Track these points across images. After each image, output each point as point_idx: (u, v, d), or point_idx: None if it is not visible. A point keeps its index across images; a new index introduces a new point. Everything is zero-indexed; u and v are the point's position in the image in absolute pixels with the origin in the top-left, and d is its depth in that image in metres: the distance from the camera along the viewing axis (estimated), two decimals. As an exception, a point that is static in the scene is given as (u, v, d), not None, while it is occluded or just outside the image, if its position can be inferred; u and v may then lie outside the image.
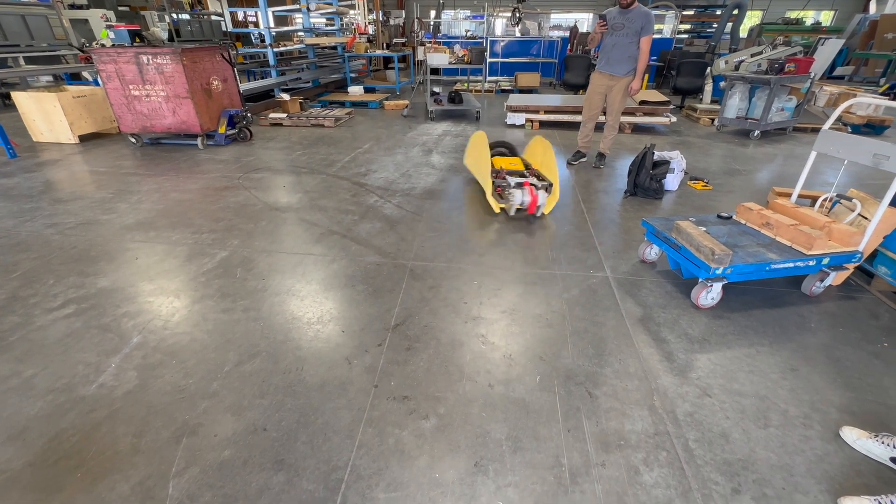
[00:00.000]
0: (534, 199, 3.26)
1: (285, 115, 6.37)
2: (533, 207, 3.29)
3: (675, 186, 4.02)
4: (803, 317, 2.29)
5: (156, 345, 2.02)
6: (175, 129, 5.05)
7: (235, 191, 3.85)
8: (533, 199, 3.25)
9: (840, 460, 1.52)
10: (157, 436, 1.58)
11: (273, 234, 3.07)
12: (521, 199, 3.27)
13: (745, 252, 2.32)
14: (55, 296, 2.36)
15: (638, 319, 2.24)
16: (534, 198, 3.25)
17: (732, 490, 1.42)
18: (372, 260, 2.76)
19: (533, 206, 3.29)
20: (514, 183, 3.42)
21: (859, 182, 4.33)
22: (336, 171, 4.40)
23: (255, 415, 1.67)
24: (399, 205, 3.61)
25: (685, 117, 7.31)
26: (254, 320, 2.19)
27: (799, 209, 2.55)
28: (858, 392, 1.81)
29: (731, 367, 1.93)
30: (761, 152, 5.33)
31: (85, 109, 5.33)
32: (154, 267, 2.65)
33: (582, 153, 4.76)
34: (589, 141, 4.72)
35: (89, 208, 3.47)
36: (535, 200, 3.26)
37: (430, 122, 6.70)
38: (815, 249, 2.27)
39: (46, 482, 1.41)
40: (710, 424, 1.65)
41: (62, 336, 2.07)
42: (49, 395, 1.74)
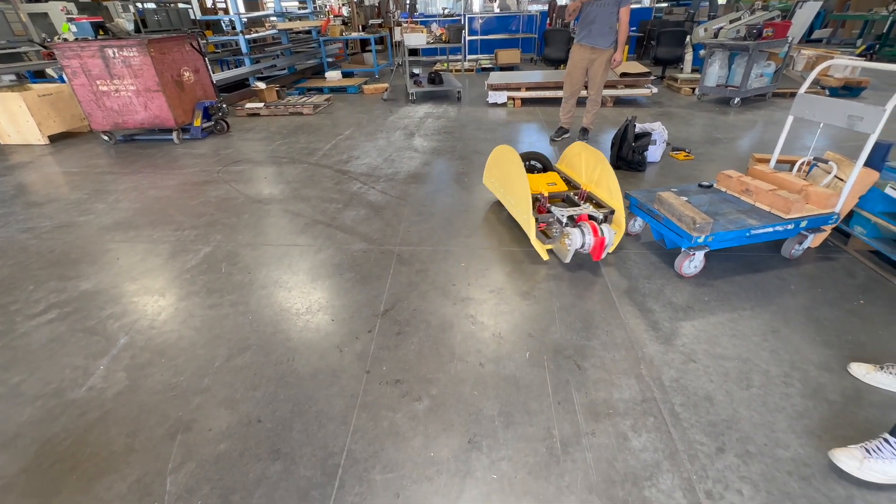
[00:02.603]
0: (600, 242, 2.31)
1: (262, 105, 6.22)
2: (600, 252, 2.36)
3: (657, 158, 4.04)
4: (783, 280, 2.34)
5: (144, 344, 2.00)
6: (149, 125, 4.91)
7: (215, 185, 3.78)
8: (599, 241, 2.31)
9: (819, 414, 1.59)
10: (152, 434, 1.58)
11: (256, 227, 3.03)
12: (582, 242, 2.33)
13: (725, 219, 2.36)
14: (36, 301, 2.32)
15: (624, 291, 2.28)
16: (599, 239, 2.31)
17: (717, 449, 1.47)
18: (358, 247, 2.74)
19: (600, 251, 2.35)
20: (565, 217, 2.46)
21: (836, 145, 4.39)
22: (318, 160, 4.33)
23: (248, 407, 1.67)
24: (383, 190, 3.58)
25: (666, 88, 7.30)
26: (242, 314, 2.18)
27: (777, 174, 2.58)
28: (836, 349, 1.87)
29: (714, 332, 1.98)
30: (742, 119, 5.37)
31: (52, 108, 5.14)
32: (136, 267, 2.61)
33: (565, 129, 4.73)
34: (572, 117, 4.66)
35: (65, 210, 3.38)
36: (601, 243, 2.31)
37: (411, 105, 6.60)
38: (793, 213, 2.31)
39: (42, 486, 1.41)
40: (695, 388, 1.70)
41: (47, 341, 2.04)
42: (38, 401, 1.72)
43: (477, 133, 5.09)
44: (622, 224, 2.50)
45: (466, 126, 5.40)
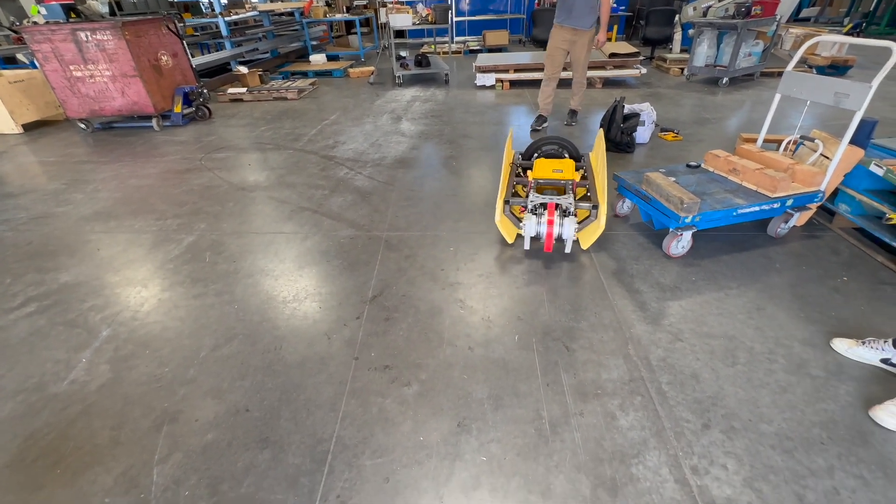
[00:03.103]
0: (549, 235, 2.25)
1: (245, 90, 6.06)
2: (548, 243, 2.27)
3: (646, 139, 4.02)
4: (769, 258, 2.36)
5: (127, 336, 1.97)
6: (127, 112, 4.76)
7: (198, 172, 3.69)
8: (548, 233, 2.25)
9: (802, 389, 1.61)
10: (137, 426, 1.56)
11: (241, 215, 2.97)
12: (536, 231, 2.28)
13: (713, 199, 2.36)
14: (14, 295, 2.26)
15: (612, 273, 2.28)
16: (548, 233, 2.25)
17: (703, 426, 1.49)
18: (345, 234, 2.71)
19: (548, 242, 2.26)
20: (535, 204, 2.38)
21: (823, 123, 4.41)
22: (303, 146, 4.25)
23: (235, 397, 1.66)
24: (370, 176, 3.53)
25: (655, 68, 7.25)
26: (228, 304, 2.15)
27: (764, 153, 2.58)
28: (820, 325, 1.90)
29: (701, 311, 2.00)
30: (730, 99, 5.36)
31: (25, 95, 4.95)
32: (118, 257, 2.55)
33: (544, 117, 4.48)
34: (551, 103, 4.42)
35: (42, 201, 3.28)
36: (549, 236, 2.25)
37: (398, 88, 6.48)
38: (780, 192, 2.31)
39: (25, 481, 1.39)
40: (682, 367, 1.72)
41: (26, 335, 1.99)
42: (19, 396, 1.69)
43: (465, 116, 5.02)
44: (602, 222, 2.30)
45: (454, 109, 5.32)
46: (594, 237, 2.33)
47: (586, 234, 2.41)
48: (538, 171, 2.68)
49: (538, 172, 2.66)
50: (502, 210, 2.47)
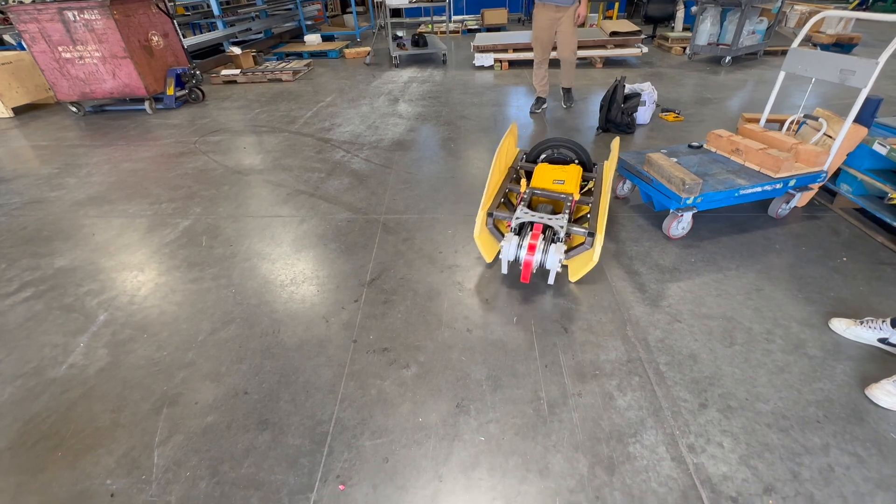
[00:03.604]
0: (526, 264, 1.91)
1: (238, 71, 5.94)
2: (525, 274, 1.92)
3: (647, 119, 3.96)
4: (769, 239, 2.35)
5: (124, 321, 1.96)
6: (118, 94, 4.67)
7: (193, 156, 3.64)
8: (525, 262, 1.91)
9: (799, 369, 1.62)
10: (137, 409, 1.57)
11: (237, 199, 2.94)
12: (513, 253, 1.95)
13: (714, 180, 2.33)
14: (10, 280, 2.24)
15: (611, 255, 2.27)
16: (526, 262, 1.91)
17: (700, 405, 1.50)
18: (342, 217, 2.68)
19: (525, 272, 1.92)
20: (520, 223, 2.04)
21: (826, 103, 4.34)
22: (299, 128, 4.18)
23: (234, 380, 1.66)
24: (367, 158, 3.48)
25: (657, 47, 7.11)
26: (225, 287, 2.14)
27: (767, 133, 2.54)
28: (818, 305, 1.90)
29: (699, 292, 1.99)
30: (732, 79, 5.27)
31: (13, 78, 4.85)
32: (113, 242, 2.53)
33: (542, 99, 4.38)
34: (547, 83, 4.30)
35: (35, 186, 3.24)
36: (527, 266, 1.91)
37: (395, 69, 6.36)
38: (783, 172, 2.28)
39: (27, 464, 1.40)
40: (680, 348, 1.72)
41: (23, 320, 1.98)
42: (18, 380, 1.69)
43: (463, 97, 4.94)
44: (596, 255, 1.91)
45: (452, 90, 5.23)
46: (585, 270, 1.96)
47: (577, 265, 2.04)
48: (538, 178, 2.30)
49: (538, 180, 2.28)
50: (483, 222, 2.15)
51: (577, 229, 2.04)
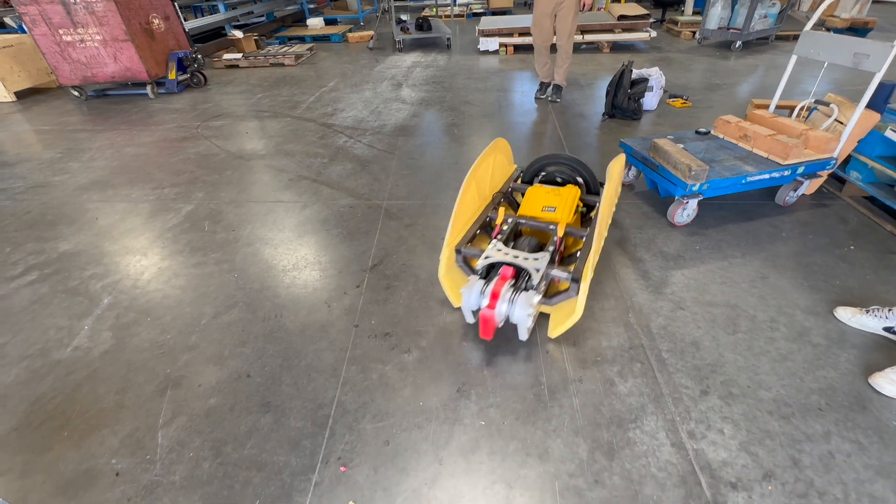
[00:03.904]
0: (484, 319, 1.52)
1: (241, 56, 5.88)
2: (483, 329, 1.55)
3: (654, 105, 3.90)
4: (776, 227, 2.32)
5: (128, 304, 1.97)
6: (120, 78, 4.64)
7: (195, 141, 3.63)
8: (483, 316, 1.52)
9: (802, 357, 1.61)
10: (141, 391, 1.58)
11: (239, 184, 2.93)
12: (476, 301, 1.57)
13: (721, 166, 2.29)
14: (15, 263, 2.26)
15: (615, 242, 2.25)
16: (483, 316, 1.52)
17: (701, 392, 1.50)
18: (345, 202, 2.67)
19: (483, 328, 1.54)
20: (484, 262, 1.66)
21: (839, 89, 4.25)
22: (301, 113, 4.15)
23: (237, 363, 1.67)
24: (370, 144, 3.45)
25: (666, 32, 6.97)
26: (227, 272, 2.14)
27: (777, 119, 2.49)
28: (824, 293, 1.88)
29: (703, 280, 1.98)
30: (743, 64, 5.16)
31: (15, 62, 4.82)
32: (117, 226, 2.54)
33: (546, 83, 4.28)
34: (550, 69, 4.19)
35: (38, 170, 3.24)
36: (485, 320, 1.52)
37: (399, 54, 6.27)
38: (791, 159, 2.24)
39: (33, 443, 1.42)
40: (683, 335, 1.71)
41: (28, 303, 2.00)
42: (24, 362, 1.71)
43: (468, 83, 4.87)
44: (580, 308, 1.55)
45: (456, 75, 5.16)
46: (566, 325, 1.59)
47: (560, 315, 1.66)
48: (527, 204, 1.95)
49: (526, 206, 1.95)
50: (450, 259, 1.80)
51: (559, 273, 1.63)
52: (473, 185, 1.91)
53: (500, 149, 2.18)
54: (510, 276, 1.61)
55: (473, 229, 1.90)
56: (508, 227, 1.86)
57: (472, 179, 1.88)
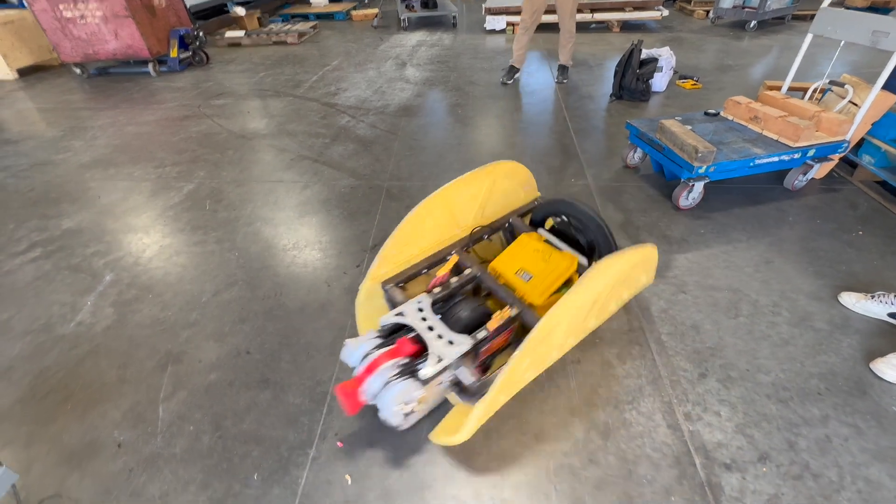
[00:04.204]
0: (345, 391, 1.21)
1: (243, 33, 5.79)
2: (348, 404, 1.21)
3: (663, 87, 3.81)
4: (783, 211, 2.27)
5: (130, 281, 1.98)
6: (122, 56, 4.59)
7: (197, 120, 3.60)
8: (338, 388, 1.23)
9: (804, 341, 1.59)
10: (142, 366, 1.60)
11: (241, 163, 2.92)
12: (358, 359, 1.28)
13: (729, 149, 2.24)
14: (19, 240, 2.27)
15: (618, 225, 2.22)
16: (343, 393, 1.21)
17: (699, 375, 1.49)
18: (346, 183, 2.65)
19: (347, 403, 1.21)
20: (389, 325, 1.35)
21: (856, 71, 4.12)
22: (304, 92, 4.09)
23: (237, 340, 1.68)
24: (372, 124, 3.41)
25: (678, 11, 6.76)
26: (228, 251, 2.14)
27: (789, 100, 2.42)
28: (828, 279, 1.85)
29: (707, 264, 1.95)
30: (757, 45, 5.01)
31: (16, 38, 4.77)
32: (119, 205, 2.54)
33: (516, 69, 4.06)
34: (525, 54, 3.97)
35: (41, 148, 3.24)
36: (345, 393, 1.21)
37: (404, 32, 6.15)
38: (802, 141, 2.19)
39: (38, 415, 1.45)
40: (683, 318, 1.70)
41: (32, 279, 2.02)
42: (28, 336, 1.73)
43: (473, 62, 4.77)
44: (464, 431, 1.18)
45: (462, 55, 5.05)
46: (450, 438, 1.21)
47: (451, 420, 1.26)
48: (507, 257, 1.55)
49: (504, 260, 1.54)
50: (372, 285, 1.50)
51: (464, 375, 1.26)
52: (439, 210, 1.55)
53: (507, 174, 1.71)
54: (407, 353, 1.24)
55: (421, 266, 1.52)
56: (460, 282, 1.45)
57: (438, 202, 1.54)
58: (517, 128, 3.30)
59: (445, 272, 1.47)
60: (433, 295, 1.41)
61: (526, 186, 1.84)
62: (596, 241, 1.61)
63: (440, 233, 1.63)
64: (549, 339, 1.29)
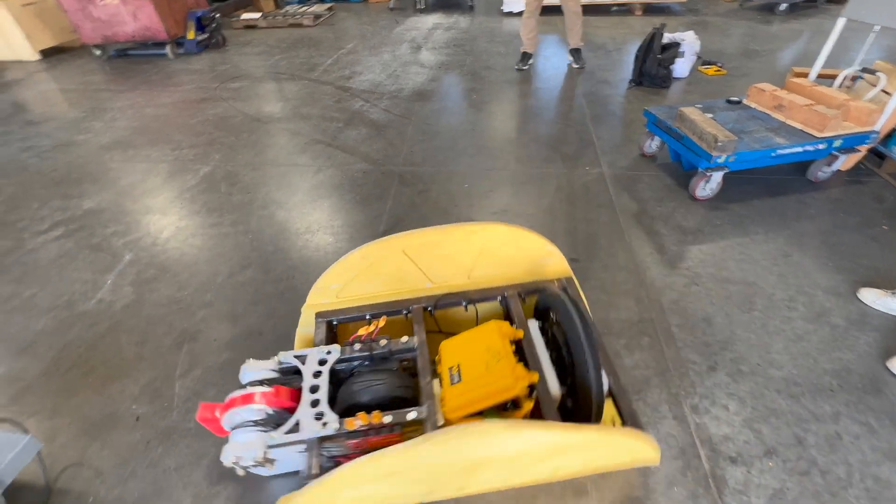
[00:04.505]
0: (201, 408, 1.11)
1: (259, 16, 5.77)
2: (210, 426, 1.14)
3: (685, 73, 3.69)
4: (804, 203, 2.21)
5: (148, 261, 2.03)
6: (140, 37, 4.63)
7: (213, 102, 3.62)
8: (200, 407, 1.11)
9: (819, 337, 1.56)
10: (160, 343, 1.65)
11: (256, 147, 2.94)
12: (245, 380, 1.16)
13: (751, 138, 2.18)
14: (42, 219, 2.34)
15: (632, 215, 2.19)
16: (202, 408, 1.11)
17: (709, 368, 1.48)
18: (359, 168, 2.66)
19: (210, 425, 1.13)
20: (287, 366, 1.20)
21: (892, 56, 3.93)
22: (318, 76, 4.08)
23: (250, 321, 1.72)
24: (386, 108, 3.39)
25: (705, -7, 6.50)
26: (242, 233, 2.18)
27: (816, 88, 2.33)
28: (848, 274, 1.80)
29: (722, 256, 1.92)
30: (786, 29, 4.81)
31: (38, 19, 4.84)
32: (138, 186, 2.59)
33: (529, 54, 3.96)
34: (535, 37, 3.86)
35: (63, 129, 3.31)
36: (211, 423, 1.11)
37: (420, 15, 6.05)
38: (828, 131, 2.11)
39: (61, 388, 1.51)
40: (695, 311, 1.68)
41: (55, 257, 2.08)
42: (51, 312, 1.80)
43: (489, 46, 4.69)
44: None
45: (478, 38, 4.97)
46: None
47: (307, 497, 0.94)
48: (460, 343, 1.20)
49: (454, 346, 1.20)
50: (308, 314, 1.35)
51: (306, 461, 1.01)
52: (401, 256, 1.32)
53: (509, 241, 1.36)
54: (281, 405, 1.07)
55: (365, 311, 1.30)
56: (387, 348, 1.18)
57: (402, 245, 1.31)
58: (532, 113, 3.25)
59: (372, 330, 1.21)
60: (348, 351, 1.18)
61: (545, 258, 1.39)
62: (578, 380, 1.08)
63: (402, 282, 1.33)
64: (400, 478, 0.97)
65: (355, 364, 1.20)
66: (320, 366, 1.14)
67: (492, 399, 1.04)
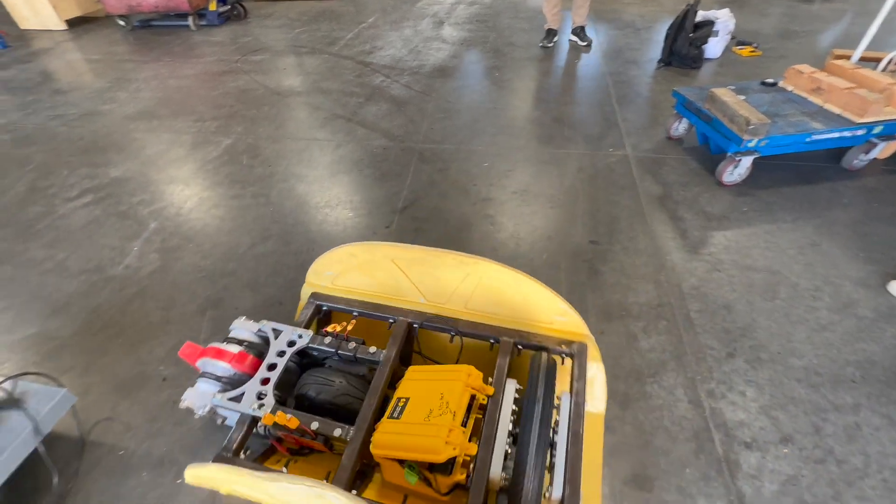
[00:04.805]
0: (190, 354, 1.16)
1: (280, -13, 5.69)
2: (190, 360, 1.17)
3: (717, 53, 3.55)
4: (837, 192, 2.13)
5: (173, 230, 2.08)
6: (163, 9, 4.62)
7: (235, 75, 3.63)
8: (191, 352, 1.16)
9: (843, 328, 1.53)
10: (184, 309, 1.70)
11: (276, 120, 2.95)
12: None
13: (785, 122, 2.10)
14: (71, 186, 2.40)
15: (655, 198, 2.14)
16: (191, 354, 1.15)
17: (727, 354, 1.47)
18: (379, 144, 2.65)
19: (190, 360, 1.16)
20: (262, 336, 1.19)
21: (941, 40, 3.71)
22: (339, 50, 4.04)
23: (271, 291, 1.76)
24: (407, 84, 3.35)
25: (743, -31, 6.17)
26: (263, 205, 2.21)
27: (858, 70, 2.22)
28: (880, 265, 1.75)
29: (746, 243, 1.87)
30: (829, 9, 4.56)
31: (64, -12, 4.87)
32: (162, 156, 2.63)
33: (554, 31, 3.86)
34: (559, 12, 3.78)
35: (89, 99, 3.36)
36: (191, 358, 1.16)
37: (442, -11, 5.90)
38: (869, 116, 2.02)
39: (93, 347, 1.58)
40: (715, 297, 1.65)
41: (85, 223, 2.15)
42: (82, 276, 1.86)
43: (513, 22, 4.56)
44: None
45: (502, 14, 4.83)
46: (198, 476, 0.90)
47: None
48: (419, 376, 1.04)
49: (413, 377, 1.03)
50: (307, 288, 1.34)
51: None
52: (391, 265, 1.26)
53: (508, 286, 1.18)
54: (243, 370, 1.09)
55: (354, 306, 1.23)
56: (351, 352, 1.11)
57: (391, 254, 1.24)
58: (555, 92, 3.17)
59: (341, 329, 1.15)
60: (318, 341, 1.14)
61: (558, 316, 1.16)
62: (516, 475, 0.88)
63: (397, 290, 1.27)
64: None
65: (326, 356, 1.18)
66: (288, 346, 1.13)
67: (412, 454, 0.88)
